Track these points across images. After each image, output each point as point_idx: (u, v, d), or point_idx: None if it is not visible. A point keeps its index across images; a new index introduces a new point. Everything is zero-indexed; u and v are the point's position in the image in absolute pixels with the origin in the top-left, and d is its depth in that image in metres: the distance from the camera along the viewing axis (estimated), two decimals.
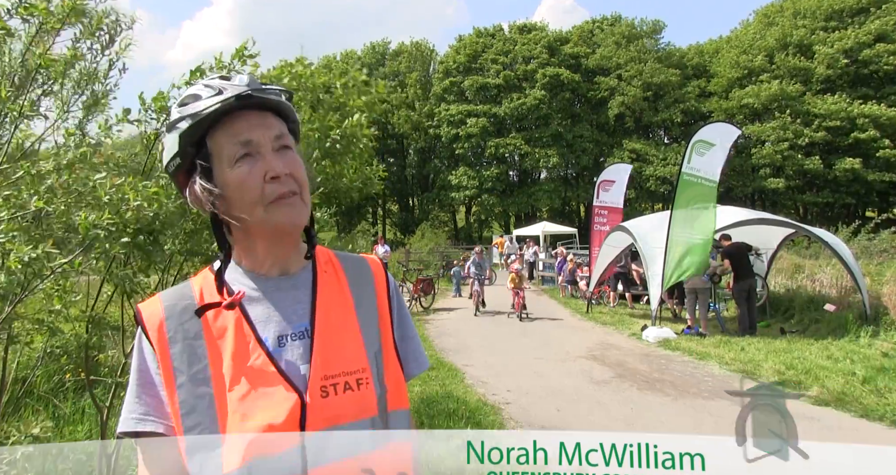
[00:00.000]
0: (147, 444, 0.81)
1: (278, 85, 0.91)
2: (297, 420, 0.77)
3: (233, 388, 0.78)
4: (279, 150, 0.84)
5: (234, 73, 0.88)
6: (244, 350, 0.80)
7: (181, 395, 0.79)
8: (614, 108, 35.03)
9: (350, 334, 0.86)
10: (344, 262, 0.95)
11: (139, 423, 0.81)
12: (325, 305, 0.87)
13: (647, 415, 5.03)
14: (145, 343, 0.83)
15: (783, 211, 28.98)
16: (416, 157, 40.44)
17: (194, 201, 0.86)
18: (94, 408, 3.21)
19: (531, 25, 39.29)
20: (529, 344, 8.50)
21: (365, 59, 40.04)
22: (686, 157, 8.79)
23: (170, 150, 0.84)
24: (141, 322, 0.84)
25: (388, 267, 10.64)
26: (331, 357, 0.82)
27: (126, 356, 2.50)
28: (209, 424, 0.78)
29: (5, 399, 2.35)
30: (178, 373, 0.80)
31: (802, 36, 30.01)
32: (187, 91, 0.86)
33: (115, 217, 1.70)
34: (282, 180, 0.82)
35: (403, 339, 0.96)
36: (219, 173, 0.82)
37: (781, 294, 10.93)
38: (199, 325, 0.82)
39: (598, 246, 12.42)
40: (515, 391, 5.81)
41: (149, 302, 0.87)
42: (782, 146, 29.43)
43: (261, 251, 0.87)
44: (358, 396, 0.82)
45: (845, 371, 6.09)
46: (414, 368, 0.97)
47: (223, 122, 0.82)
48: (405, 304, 1.01)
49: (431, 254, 22.30)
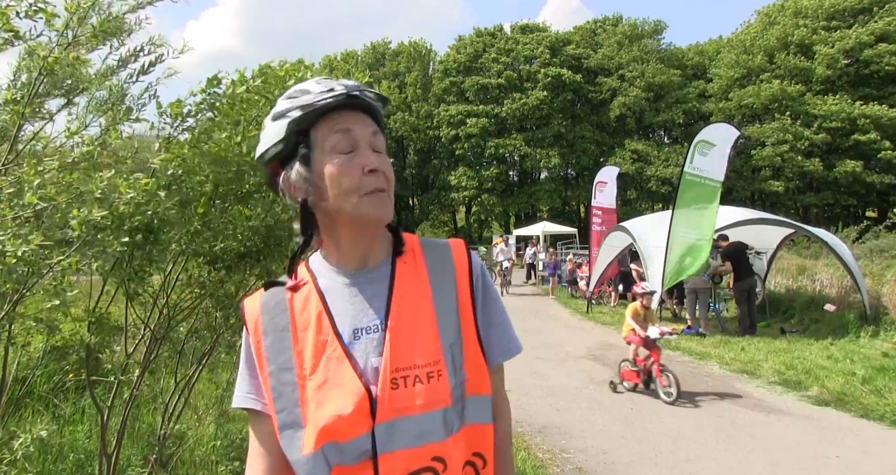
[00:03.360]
0: (254, 418, 0.91)
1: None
2: (365, 411, 0.82)
3: (311, 378, 0.85)
4: (375, 149, 0.90)
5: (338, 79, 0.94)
6: (322, 342, 0.87)
7: (271, 382, 0.88)
8: (615, 109, 35.02)
9: (424, 327, 0.88)
10: (426, 250, 0.97)
11: (245, 400, 0.91)
12: (399, 299, 0.90)
13: (647, 415, 5.03)
14: (246, 335, 0.94)
15: (783, 212, 28.95)
16: (415, 157, 40.44)
17: (287, 187, 0.91)
18: (93, 408, 3.21)
19: (532, 26, 39.29)
20: (529, 344, 8.50)
21: (365, 60, 40.04)
22: (688, 157, 8.80)
23: (274, 136, 0.90)
24: (243, 317, 0.95)
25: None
26: (403, 351, 0.85)
27: (127, 356, 2.50)
28: (293, 408, 0.86)
29: (5, 399, 2.35)
30: (268, 362, 0.89)
31: (803, 36, 29.94)
32: (296, 86, 0.92)
33: (108, 212, 1.68)
34: (377, 174, 0.88)
35: (489, 326, 0.96)
36: (318, 161, 0.88)
37: (781, 294, 10.93)
38: (287, 319, 0.90)
39: (596, 246, 12.43)
40: (515, 391, 5.82)
41: (251, 298, 0.96)
42: (782, 148, 29.38)
43: (345, 243, 0.92)
44: (429, 389, 0.84)
45: (845, 371, 6.09)
46: (498, 355, 0.96)
47: (328, 116, 0.88)
48: (493, 289, 1.00)
49: None
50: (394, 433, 0.82)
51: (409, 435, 0.82)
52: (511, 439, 1.04)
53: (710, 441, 4.36)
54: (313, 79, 0.93)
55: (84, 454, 3.25)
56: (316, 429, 0.81)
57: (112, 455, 2.33)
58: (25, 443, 1.70)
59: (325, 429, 0.81)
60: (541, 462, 3.96)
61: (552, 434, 4.56)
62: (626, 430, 4.61)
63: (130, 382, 2.40)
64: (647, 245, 9.31)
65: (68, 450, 3.28)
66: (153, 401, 3.87)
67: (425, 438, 0.83)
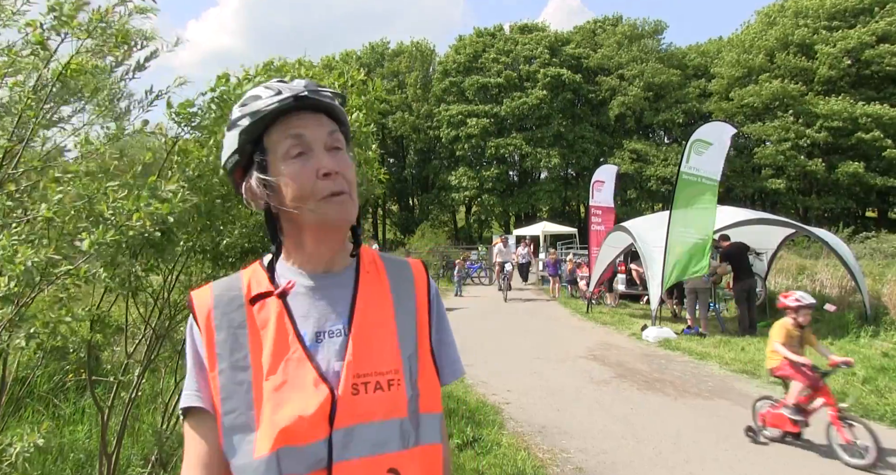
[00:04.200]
0: (194, 419, 0.86)
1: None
2: (326, 414, 0.80)
3: (269, 378, 0.82)
4: (331, 149, 0.88)
5: (293, 78, 0.92)
6: (283, 342, 0.84)
7: (221, 380, 0.83)
8: (615, 109, 35.04)
9: (386, 335, 0.88)
10: (388, 264, 0.97)
11: (191, 399, 0.86)
12: (364, 305, 0.89)
13: (647, 415, 5.03)
14: (195, 329, 0.88)
15: (783, 212, 28.95)
16: (415, 157, 40.45)
17: (250, 197, 0.91)
18: (94, 408, 3.21)
19: (532, 25, 39.32)
20: (529, 344, 8.50)
21: (364, 59, 40.04)
22: (685, 157, 8.80)
23: (229, 147, 0.90)
24: (192, 309, 0.89)
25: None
26: (364, 356, 0.84)
27: (128, 356, 2.50)
28: (245, 410, 0.81)
29: (5, 399, 2.35)
30: (220, 359, 0.84)
31: (804, 36, 29.94)
32: (249, 92, 0.91)
33: (119, 235, 1.65)
34: (333, 178, 0.86)
35: (441, 344, 0.97)
36: (273, 168, 0.87)
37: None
38: (243, 315, 0.87)
39: (596, 246, 12.44)
40: (515, 391, 5.82)
41: (201, 290, 0.92)
42: (784, 146, 29.39)
43: (309, 247, 0.90)
44: (388, 397, 0.83)
45: (845, 371, 6.09)
46: (448, 375, 0.98)
47: (280, 121, 0.87)
48: (445, 311, 1.02)
49: (431, 254, 22.31)
50: (351, 440, 0.80)
51: (366, 443, 0.80)
52: (451, 458, 1.03)
53: (710, 441, 4.36)
54: (263, 83, 0.91)
55: (84, 454, 3.25)
56: (274, 430, 0.78)
57: (112, 455, 2.33)
58: (23, 450, 1.69)
59: (284, 431, 0.77)
60: (541, 462, 3.96)
61: (552, 434, 4.56)
62: (626, 430, 4.61)
63: (131, 382, 2.40)
64: (647, 245, 9.31)
65: (68, 450, 3.28)
66: (153, 400, 3.87)
67: (382, 448, 0.81)
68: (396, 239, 38.14)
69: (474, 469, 3.76)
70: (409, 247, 25.04)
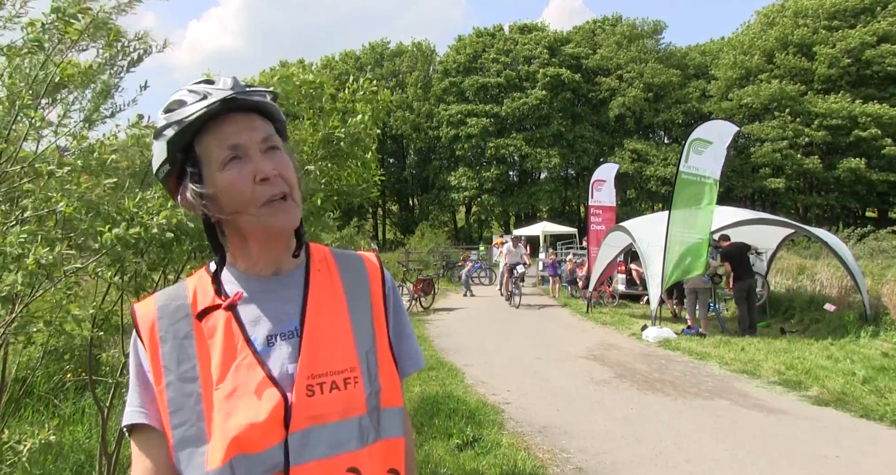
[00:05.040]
0: (139, 437, 0.82)
1: (262, 87, 0.90)
2: (280, 419, 0.78)
3: (219, 387, 0.79)
4: (267, 151, 0.85)
5: (218, 77, 0.88)
6: (232, 350, 0.81)
7: (169, 393, 0.80)
8: (615, 109, 35.06)
9: (340, 333, 0.86)
10: (339, 260, 0.95)
11: (135, 415, 0.82)
12: (315, 304, 0.87)
13: (647, 415, 5.03)
14: (139, 343, 0.85)
15: (783, 211, 28.97)
16: (415, 157, 40.46)
17: (186, 206, 0.87)
18: (94, 408, 3.21)
19: (532, 25, 39.33)
20: (529, 344, 8.50)
21: (364, 59, 40.05)
22: (683, 156, 8.79)
23: (158, 157, 0.85)
24: (135, 322, 0.86)
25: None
26: (319, 356, 0.83)
27: (126, 356, 2.50)
28: (196, 422, 0.79)
29: (5, 399, 2.35)
30: (166, 372, 0.81)
31: (804, 36, 29.96)
32: (172, 96, 0.86)
33: (142, 231, 1.68)
34: (271, 181, 0.82)
35: (399, 337, 0.96)
36: (209, 177, 0.83)
37: (781, 294, 10.93)
38: (189, 325, 0.84)
39: (596, 245, 12.43)
40: (515, 391, 5.82)
41: (144, 302, 0.88)
42: (782, 145, 29.39)
43: (254, 252, 0.87)
44: (344, 396, 0.82)
45: (845, 371, 6.09)
46: (409, 366, 0.97)
47: (210, 127, 0.83)
48: (402, 303, 1.01)
49: (431, 254, 22.32)
50: (308, 442, 0.78)
51: (323, 444, 0.78)
52: (414, 452, 1.02)
53: (710, 441, 4.36)
54: (187, 85, 0.86)
55: (84, 454, 3.25)
56: (225, 440, 0.75)
57: (112, 455, 2.33)
58: (34, 447, 1.70)
59: (235, 440, 0.75)
60: (541, 462, 3.95)
61: (552, 434, 4.56)
62: (626, 430, 4.61)
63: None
64: (646, 245, 9.31)
65: (68, 450, 3.28)
66: None
67: (340, 448, 0.80)
68: (396, 239, 38.17)
69: (474, 469, 3.76)
70: (408, 248, 25.07)
